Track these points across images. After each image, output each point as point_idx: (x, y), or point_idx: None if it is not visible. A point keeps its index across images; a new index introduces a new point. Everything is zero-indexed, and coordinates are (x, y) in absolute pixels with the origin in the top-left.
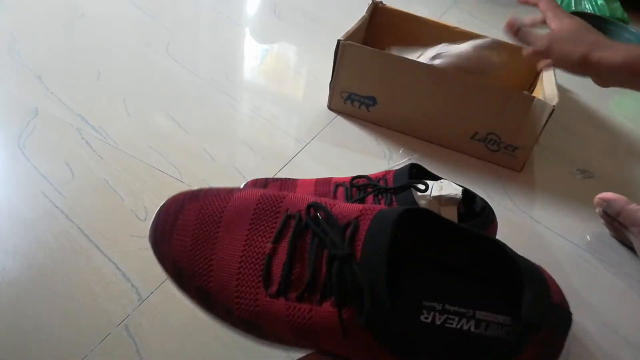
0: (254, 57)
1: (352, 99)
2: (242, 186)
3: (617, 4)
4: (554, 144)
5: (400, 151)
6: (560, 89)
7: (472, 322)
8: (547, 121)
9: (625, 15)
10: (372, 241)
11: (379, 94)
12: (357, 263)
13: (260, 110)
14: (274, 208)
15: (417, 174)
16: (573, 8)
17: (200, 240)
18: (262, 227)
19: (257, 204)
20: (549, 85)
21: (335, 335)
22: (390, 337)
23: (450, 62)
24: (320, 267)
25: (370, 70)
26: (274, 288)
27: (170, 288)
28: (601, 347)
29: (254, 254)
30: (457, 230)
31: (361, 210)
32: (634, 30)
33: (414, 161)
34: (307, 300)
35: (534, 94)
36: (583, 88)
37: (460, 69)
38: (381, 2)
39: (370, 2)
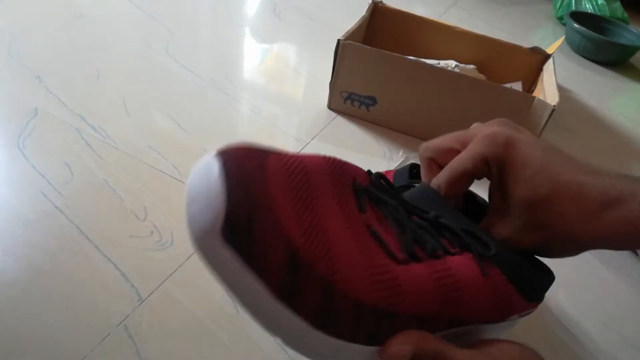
0: (254, 57)
1: (352, 98)
2: None
3: (618, 4)
4: (555, 144)
5: (400, 152)
6: (561, 88)
7: None
8: (547, 121)
9: (626, 15)
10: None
11: (379, 93)
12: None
13: (260, 110)
14: (342, 174)
15: (418, 173)
16: (573, 8)
17: (302, 206)
18: (345, 196)
19: (328, 165)
20: (549, 85)
21: (476, 279)
22: (517, 270)
23: None
24: (422, 231)
25: (371, 70)
26: (401, 256)
27: (170, 288)
28: (601, 347)
29: (357, 226)
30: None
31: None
32: (634, 30)
33: (413, 160)
34: (439, 260)
35: (534, 94)
36: (583, 88)
37: None
38: (381, 2)
39: (370, 1)
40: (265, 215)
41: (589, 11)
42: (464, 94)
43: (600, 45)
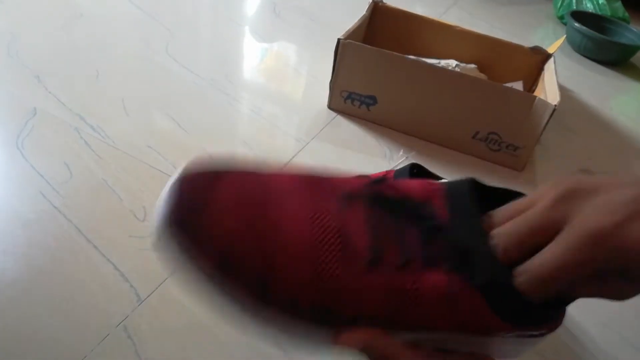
0: (254, 56)
1: (352, 98)
2: None
3: (619, 4)
4: (556, 144)
5: (401, 152)
6: (562, 88)
7: None
8: (548, 121)
9: (627, 14)
10: (460, 214)
11: (380, 93)
12: (458, 232)
13: (260, 109)
14: (325, 188)
15: (418, 173)
16: (574, 7)
17: (252, 221)
18: (321, 206)
19: (303, 185)
20: (550, 84)
21: (442, 303)
22: (504, 300)
23: None
24: (411, 241)
25: (371, 70)
26: (363, 262)
27: (170, 288)
28: (601, 347)
29: (324, 232)
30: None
31: (425, 188)
32: (635, 30)
33: (412, 159)
34: (408, 271)
35: (535, 94)
36: (584, 88)
37: None
38: (381, 1)
39: (371, 1)
40: (203, 239)
41: (590, 10)
42: (464, 93)
43: (601, 45)
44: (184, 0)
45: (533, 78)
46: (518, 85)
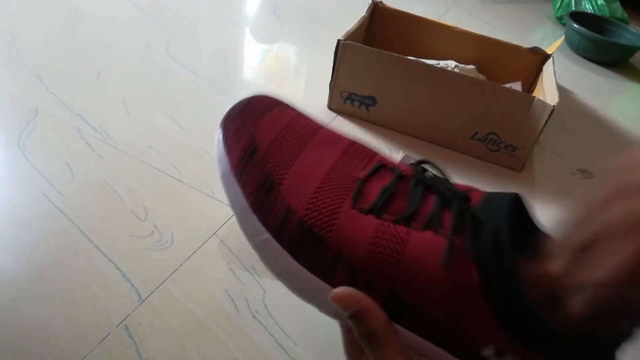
0: (254, 57)
1: (352, 98)
2: None
3: (617, 4)
4: (554, 144)
5: (401, 152)
6: (560, 89)
7: None
8: (547, 121)
9: (625, 15)
10: (491, 203)
11: (379, 93)
12: (478, 209)
13: None
14: (366, 154)
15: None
16: (573, 8)
17: (288, 139)
18: (354, 161)
19: (349, 144)
20: (549, 85)
21: (428, 264)
22: (497, 277)
23: None
24: (426, 205)
25: (370, 70)
26: (364, 205)
27: (170, 288)
28: None
29: (345, 174)
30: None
31: (469, 188)
32: (634, 30)
33: (407, 154)
34: (405, 224)
35: (534, 94)
36: (583, 88)
37: None
38: (381, 2)
39: (370, 2)
40: (249, 125)
41: (589, 11)
42: (463, 94)
43: (600, 46)
44: (184, 1)
45: (532, 79)
46: (517, 86)
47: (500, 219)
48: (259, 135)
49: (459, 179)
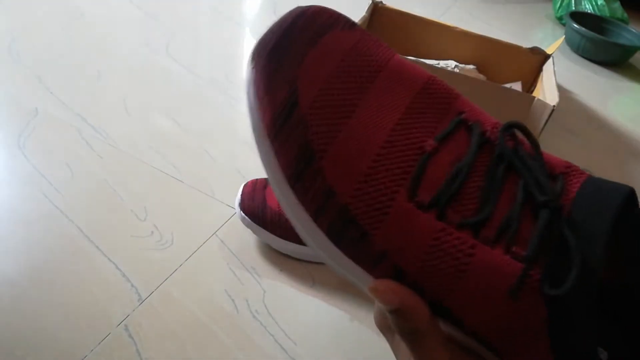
0: None
1: None
2: (241, 187)
3: (617, 4)
4: (554, 144)
5: None
6: (560, 89)
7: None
8: (547, 121)
9: (625, 15)
10: (589, 212)
11: None
12: (571, 224)
13: None
14: (443, 100)
15: None
16: (573, 8)
17: (343, 82)
18: (425, 116)
19: (425, 83)
20: (549, 85)
21: (492, 291)
22: (570, 327)
23: None
24: (504, 204)
25: None
26: (424, 197)
27: (170, 288)
28: None
29: (407, 142)
30: None
31: (567, 165)
32: (634, 30)
33: None
34: (472, 232)
35: (533, 94)
36: (583, 88)
37: None
38: (381, 2)
39: (370, 2)
40: (287, 67)
41: (589, 11)
42: (463, 94)
43: (600, 46)
44: (184, 1)
45: (532, 79)
46: (517, 86)
47: (598, 247)
48: (302, 80)
49: None
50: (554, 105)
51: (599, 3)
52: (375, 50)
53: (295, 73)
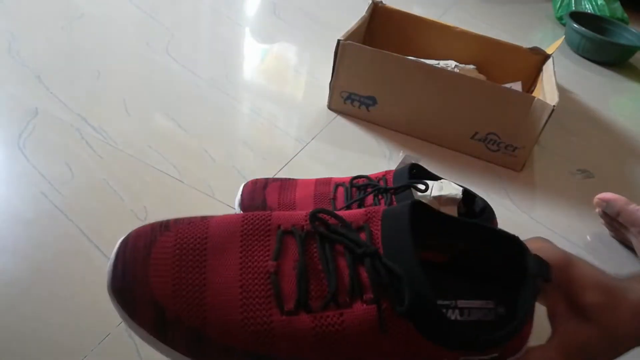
0: (254, 57)
1: (352, 99)
2: (241, 187)
3: (617, 4)
4: (554, 144)
5: (401, 152)
6: (560, 89)
7: (456, 312)
8: (547, 121)
9: (625, 15)
10: (394, 237)
11: (379, 94)
12: (387, 258)
13: (260, 110)
14: (262, 227)
15: (417, 174)
16: (573, 8)
17: (185, 273)
18: (256, 248)
19: (242, 226)
20: (549, 85)
21: (370, 334)
22: (432, 324)
23: None
24: (342, 271)
25: (370, 70)
26: (290, 305)
27: None
28: None
29: (255, 275)
30: (453, 223)
31: (366, 213)
32: (634, 31)
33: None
34: (334, 307)
35: (533, 94)
36: (583, 88)
37: None
38: (381, 2)
39: (370, 2)
40: (139, 287)
41: (589, 11)
42: (463, 94)
43: (600, 46)
44: (184, 1)
45: (532, 79)
46: (517, 86)
47: (409, 258)
48: (155, 290)
49: (459, 179)
50: (553, 105)
51: (599, 3)
52: (192, 231)
53: (147, 288)
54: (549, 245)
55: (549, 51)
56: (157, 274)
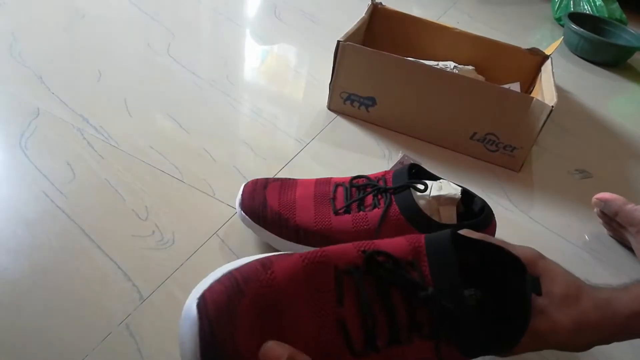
0: (254, 58)
1: (351, 99)
2: (242, 187)
3: (616, 5)
4: (553, 144)
5: (400, 152)
6: (559, 89)
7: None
8: (545, 121)
9: (624, 16)
10: (443, 275)
11: (379, 94)
12: (439, 293)
13: (261, 110)
14: (322, 270)
15: (417, 174)
16: (572, 9)
17: (268, 334)
18: (320, 295)
19: (304, 273)
20: (547, 86)
21: None
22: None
23: None
24: (399, 308)
25: (370, 71)
26: (360, 346)
27: (171, 287)
28: (601, 348)
29: (325, 324)
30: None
31: (409, 245)
32: (632, 31)
33: (406, 154)
34: (396, 344)
35: (532, 95)
36: (581, 89)
37: None
38: (380, 3)
39: (370, 3)
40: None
41: (587, 12)
42: (462, 94)
43: (598, 46)
44: (185, 2)
45: (530, 79)
46: (515, 87)
47: (459, 296)
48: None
49: (458, 179)
50: (552, 106)
51: (597, 4)
52: (264, 292)
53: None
54: (518, 245)
55: (547, 52)
56: (246, 342)
